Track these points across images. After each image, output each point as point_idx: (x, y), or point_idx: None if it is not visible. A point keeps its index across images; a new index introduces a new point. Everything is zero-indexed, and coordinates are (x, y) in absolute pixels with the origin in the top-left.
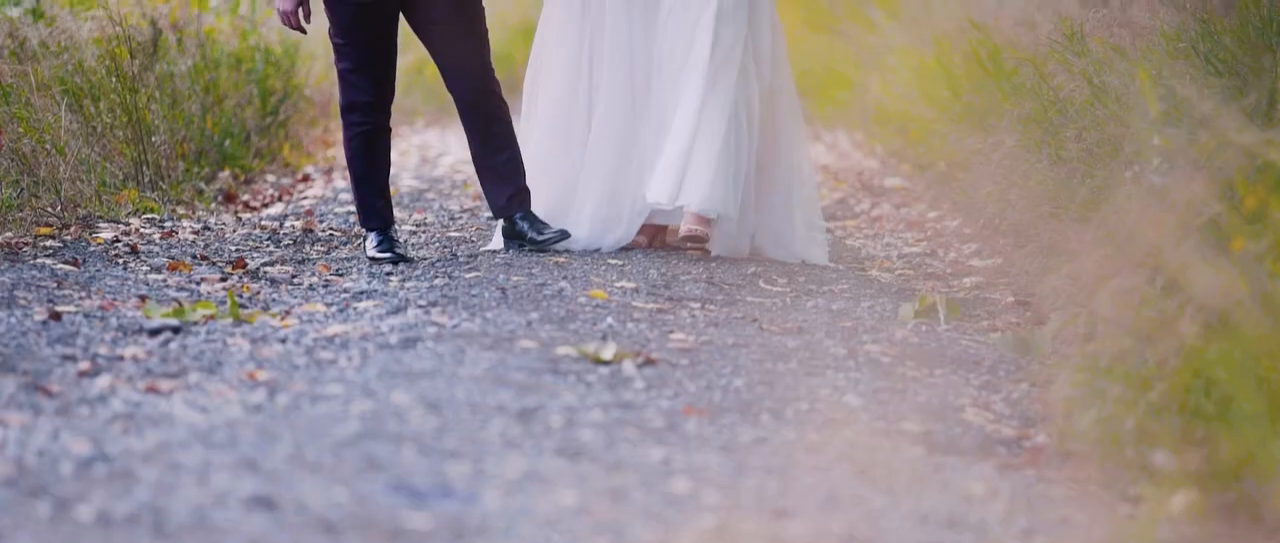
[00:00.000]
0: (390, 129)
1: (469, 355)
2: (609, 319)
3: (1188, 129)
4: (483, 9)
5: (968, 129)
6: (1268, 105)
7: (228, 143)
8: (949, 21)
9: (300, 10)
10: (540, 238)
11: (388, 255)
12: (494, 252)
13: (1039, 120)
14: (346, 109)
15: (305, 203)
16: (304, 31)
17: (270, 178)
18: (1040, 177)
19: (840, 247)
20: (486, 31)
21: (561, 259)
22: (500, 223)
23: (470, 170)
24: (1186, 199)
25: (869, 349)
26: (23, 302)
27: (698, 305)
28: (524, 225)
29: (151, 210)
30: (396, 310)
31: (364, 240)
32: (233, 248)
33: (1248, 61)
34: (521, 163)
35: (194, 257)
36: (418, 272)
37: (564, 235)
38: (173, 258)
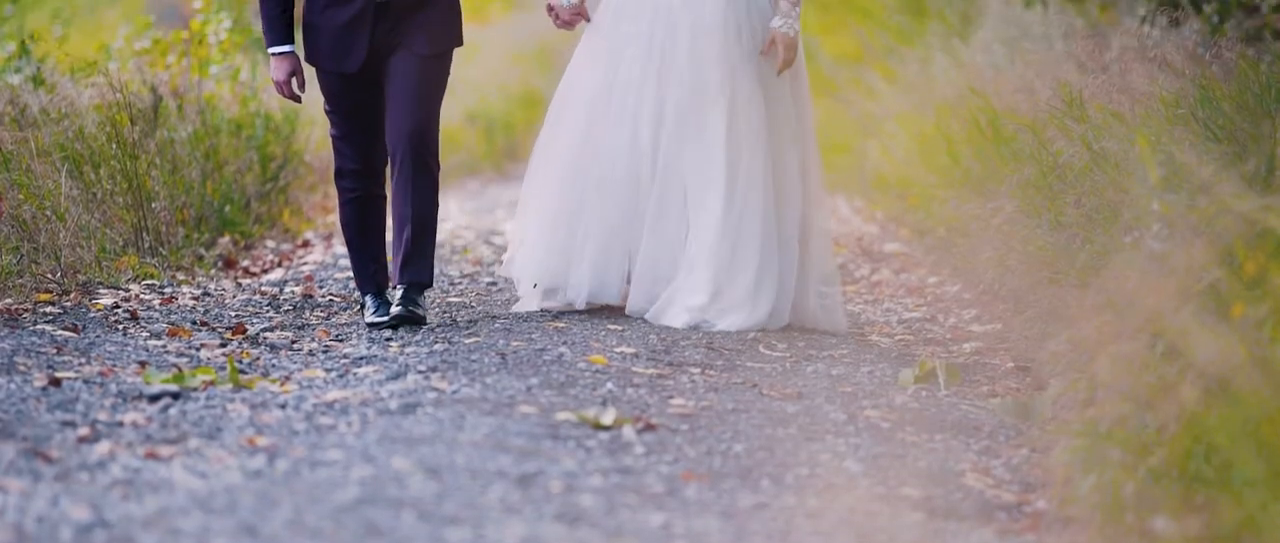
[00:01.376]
0: (384, 195)
1: (469, 421)
2: (609, 384)
3: (1187, 195)
4: (442, 85)
5: (967, 195)
6: (1267, 172)
7: (228, 209)
8: (948, 88)
9: (294, 80)
10: (400, 312)
11: (385, 319)
12: (495, 316)
13: (1038, 186)
14: (337, 176)
15: (305, 269)
16: (298, 100)
17: (270, 244)
18: (1040, 242)
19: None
20: (438, 106)
21: (561, 324)
22: (532, 285)
23: (470, 235)
24: (1186, 265)
25: (869, 415)
26: (22, 368)
27: (697, 371)
28: (401, 296)
29: (151, 276)
30: (396, 376)
31: (361, 307)
32: (232, 314)
33: (1247, 128)
34: (433, 241)
35: (194, 323)
36: (417, 337)
37: (396, 321)
38: (172, 324)
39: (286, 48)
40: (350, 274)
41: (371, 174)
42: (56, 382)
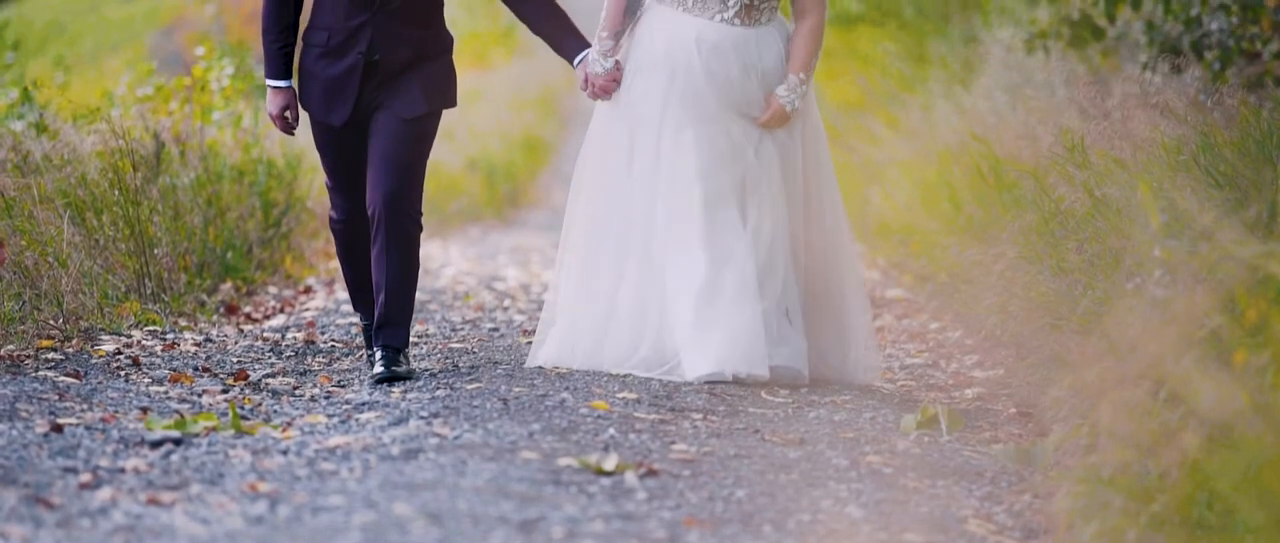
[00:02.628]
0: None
1: (470, 467)
2: (611, 430)
3: (1189, 241)
4: (425, 148)
5: (969, 241)
6: (1268, 218)
7: (230, 255)
8: (950, 135)
9: (288, 112)
10: (381, 373)
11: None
12: (497, 362)
13: (1040, 232)
14: (330, 221)
15: (307, 314)
16: (291, 133)
17: (272, 290)
18: (1042, 288)
19: None
20: (421, 168)
21: (562, 369)
22: (546, 337)
23: (472, 281)
24: (1188, 311)
25: (871, 460)
26: (24, 414)
27: (700, 416)
28: (380, 357)
29: (153, 323)
30: (398, 422)
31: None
32: (234, 360)
33: (1248, 174)
34: (408, 304)
35: (196, 369)
36: (419, 383)
37: (378, 380)
38: (174, 370)
39: (283, 83)
40: (352, 320)
41: (363, 218)
42: (58, 428)
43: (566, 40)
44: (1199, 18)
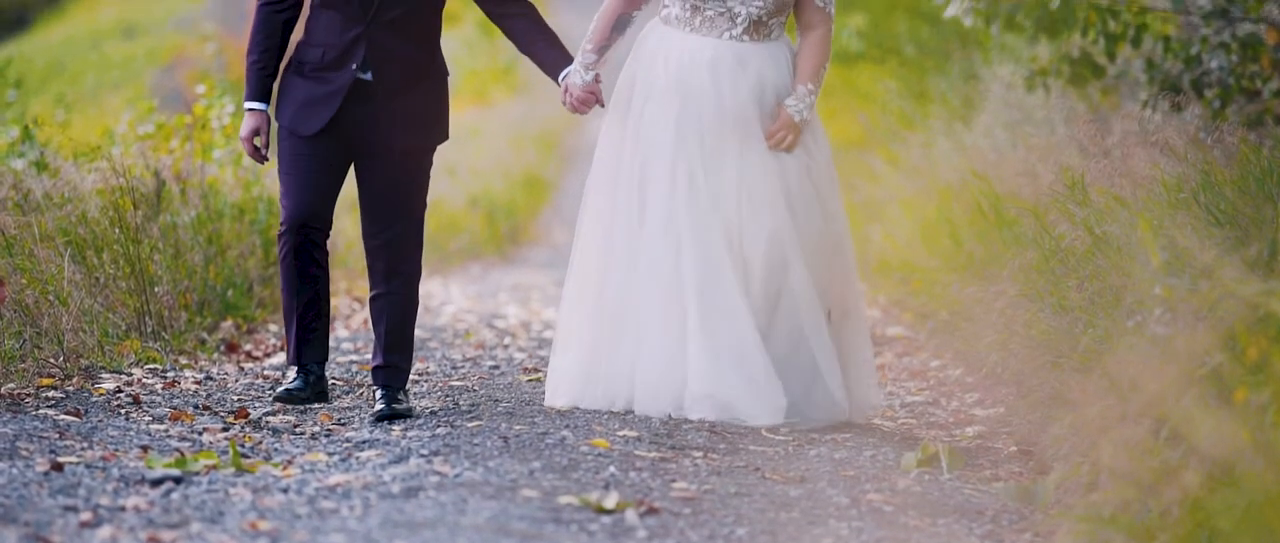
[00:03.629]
0: (324, 265)
1: (471, 505)
2: (611, 468)
3: (1189, 279)
4: (423, 187)
5: (969, 278)
6: (1269, 256)
7: (230, 293)
8: (951, 172)
9: (259, 137)
10: (382, 410)
11: (301, 391)
12: (497, 400)
13: (1041, 270)
14: (279, 238)
15: None
16: (262, 160)
17: (273, 328)
18: (1042, 326)
19: None
20: (421, 211)
21: (551, 408)
22: (557, 376)
23: (472, 319)
24: (1189, 349)
25: (872, 498)
26: (25, 453)
27: (700, 454)
28: (380, 395)
29: (154, 361)
30: (398, 459)
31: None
32: (235, 398)
33: (1249, 212)
34: (409, 344)
35: (196, 407)
36: (420, 421)
37: (379, 418)
38: (175, 408)
39: (260, 106)
40: (353, 358)
41: (311, 236)
42: (59, 467)
43: (552, 56)
44: (1199, 56)
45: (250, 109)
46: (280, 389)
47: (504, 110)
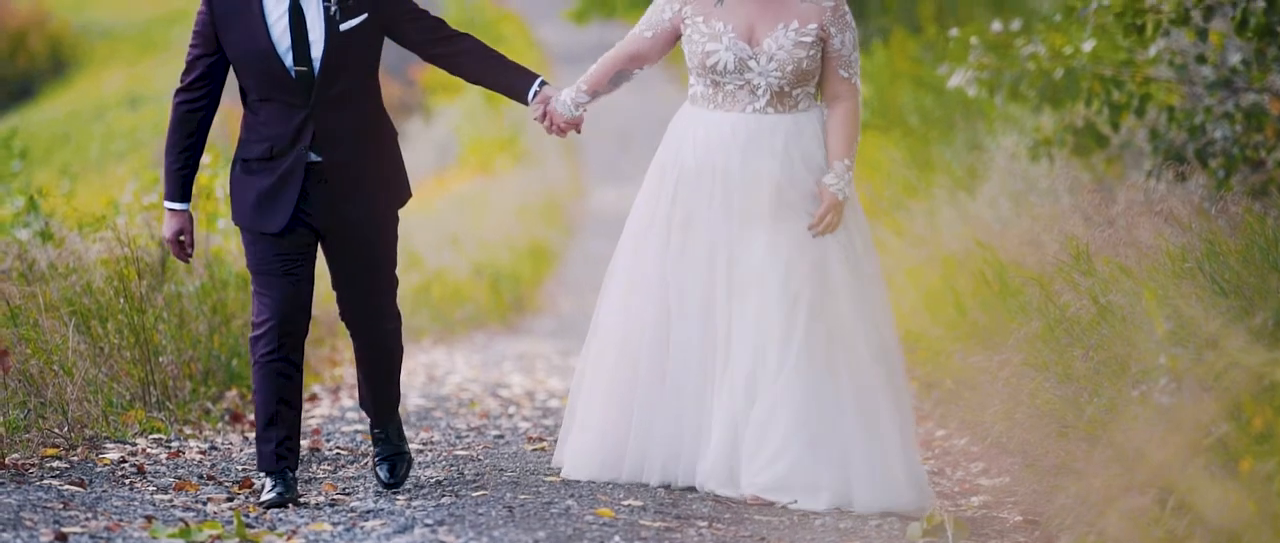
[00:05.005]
0: (299, 366)
1: None
2: (616, 538)
3: (1194, 349)
4: (392, 248)
5: (974, 347)
6: (1274, 326)
7: (235, 362)
8: (955, 241)
9: (184, 236)
10: (387, 479)
11: (279, 500)
12: (502, 469)
13: (1046, 339)
14: (253, 336)
15: (312, 422)
16: (186, 260)
17: None
18: (1047, 395)
19: None
20: (393, 269)
21: (556, 478)
22: (567, 448)
23: (477, 389)
24: (1194, 419)
25: None
26: (29, 523)
27: (705, 524)
28: (380, 437)
29: (158, 430)
30: (403, 529)
31: (261, 487)
32: (239, 468)
33: (1253, 282)
34: (396, 401)
35: (200, 477)
36: (424, 490)
37: (389, 457)
38: (179, 478)
39: (180, 206)
40: (358, 427)
41: (286, 338)
42: (63, 537)
43: (512, 76)
44: (1203, 126)
45: (172, 209)
46: (265, 499)
47: (508, 179)
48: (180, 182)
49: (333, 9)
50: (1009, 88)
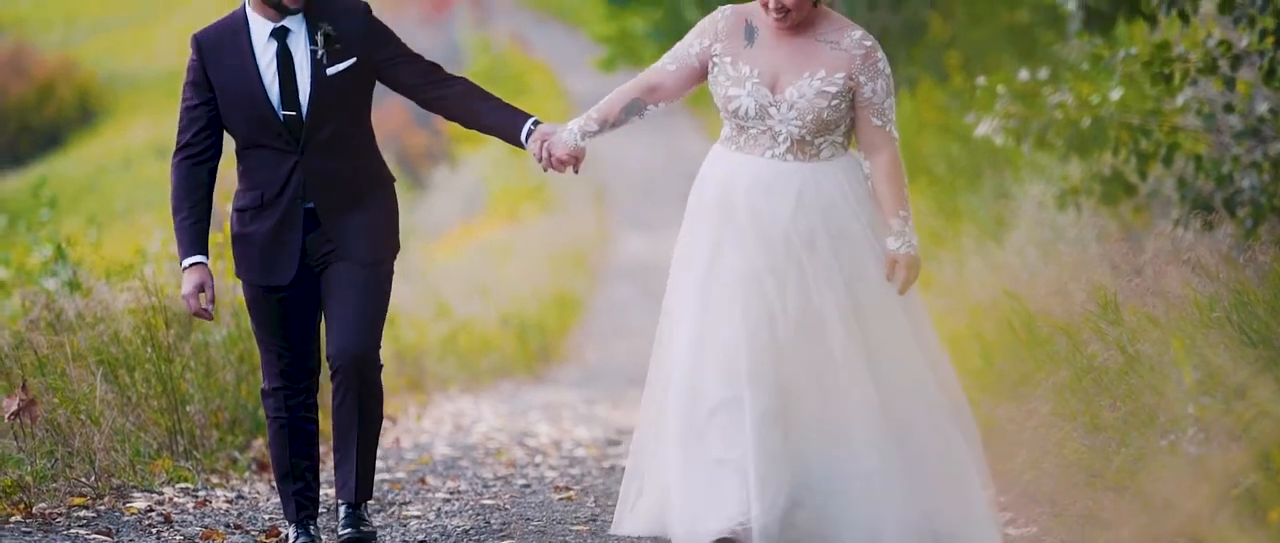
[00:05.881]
0: (315, 419)
1: None
2: None
3: (1223, 399)
4: (385, 295)
5: (1002, 397)
6: None
7: (261, 411)
8: (982, 290)
9: (203, 294)
10: (347, 534)
11: None
12: (528, 518)
13: (1073, 388)
14: (263, 395)
15: None
16: (209, 316)
17: None
18: (1075, 445)
19: None
20: (382, 318)
21: (583, 527)
22: (626, 505)
23: (503, 438)
24: (1222, 469)
25: None
26: None
27: None
28: (347, 518)
29: (185, 479)
30: None
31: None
32: (266, 517)
33: None
34: (373, 458)
35: (227, 526)
36: (451, 539)
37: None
38: (206, 527)
39: (198, 258)
40: (385, 476)
41: (299, 393)
42: None
43: (507, 117)
44: (1231, 176)
45: (191, 265)
46: None
47: (534, 228)
48: (194, 235)
49: (320, 53)
50: (1036, 137)
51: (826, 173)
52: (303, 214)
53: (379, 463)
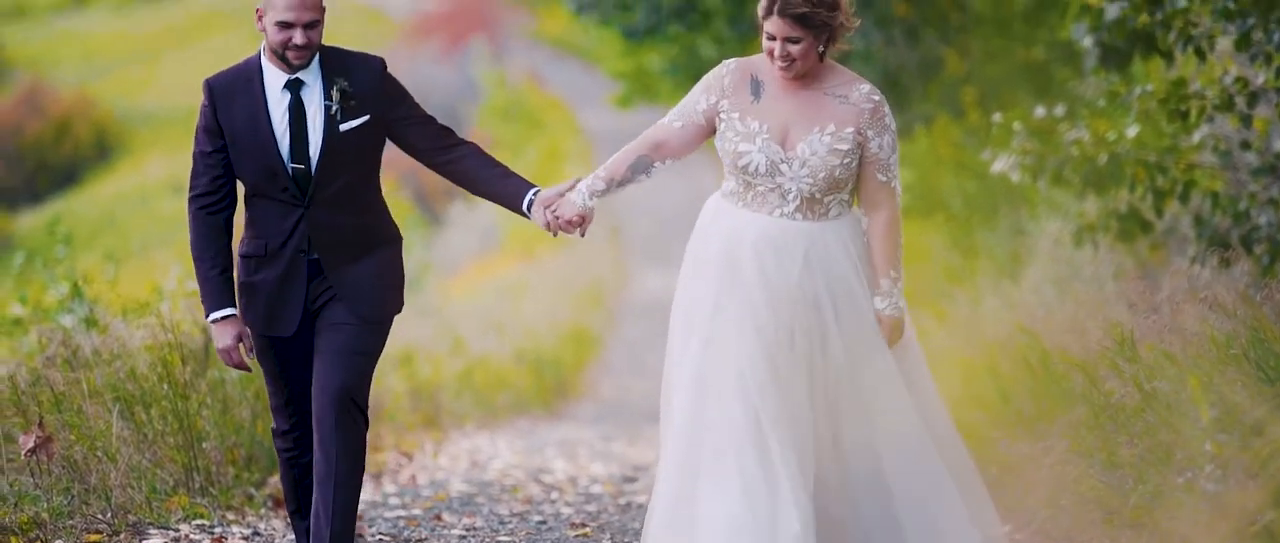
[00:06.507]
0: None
1: None
2: None
3: (1240, 436)
4: (378, 347)
5: (1018, 434)
6: None
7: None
8: (998, 327)
9: (242, 345)
10: None
11: None
12: None
13: (1090, 426)
14: (274, 434)
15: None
16: (248, 369)
17: None
18: (1092, 482)
19: None
20: (372, 367)
21: None
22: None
23: (520, 474)
24: (1240, 506)
25: None
26: None
27: None
28: None
29: (201, 516)
30: None
31: None
32: None
33: None
34: (355, 504)
35: None
36: None
37: None
38: None
39: (229, 311)
40: (401, 512)
41: (304, 439)
42: None
43: (512, 185)
44: (1247, 212)
45: (222, 318)
46: None
47: (549, 265)
48: (220, 286)
49: (334, 108)
50: (1052, 173)
51: (832, 232)
52: (306, 266)
53: (394, 500)
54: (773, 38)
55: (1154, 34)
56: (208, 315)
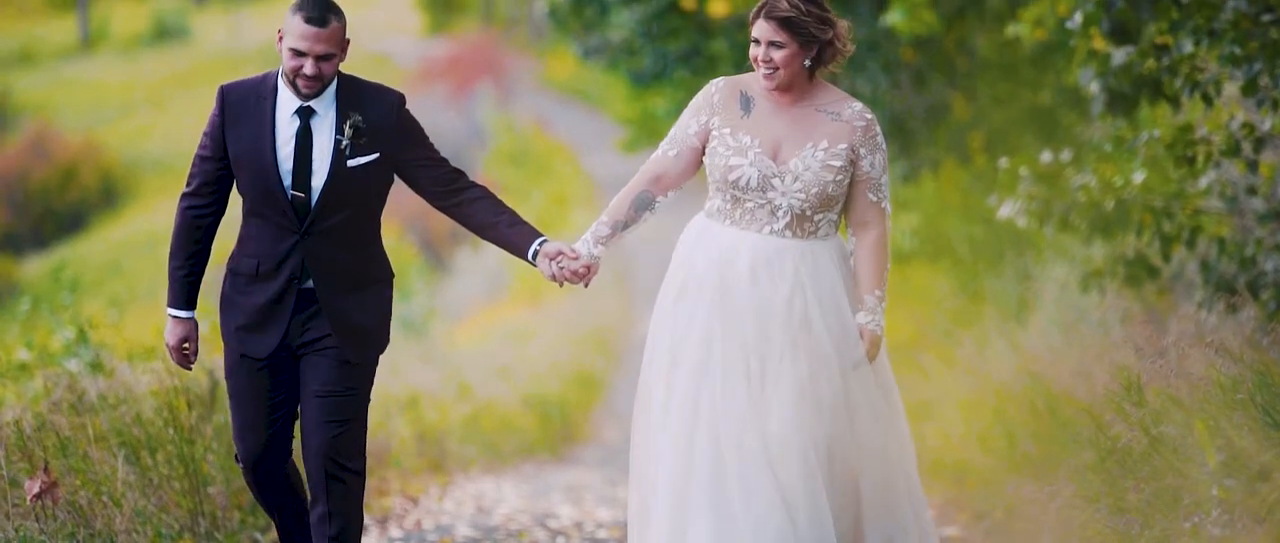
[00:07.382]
0: (297, 470)
1: None
2: None
3: (1247, 481)
4: (367, 393)
5: (1025, 478)
6: None
7: None
8: (1005, 371)
9: (188, 344)
10: None
11: None
12: None
13: (1097, 470)
14: (239, 463)
15: None
16: (188, 367)
17: None
18: (1099, 527)
19: None
20: (365, 414)
21: None
22: None
23: (526, 519)
24: None
25: None
26: None
27: None
28: None
29: None
30: None
31: None
32: None
33: None
34: None
35: None
36: None
37: None
38: None
39: (186, 313)
40: None
41: (266, 476)
42: None
43: (520, 232)
44: (1254, 258)
45: (176, 317)
46: None
47: (555, 310)
48: (185, 288)
49: (344, 143)
50: (1059, 218)
51: (821, 251)
52: (297, 294)
53: None
54: (758, 42)
55: (1160, 79)
56: (167, 307)
